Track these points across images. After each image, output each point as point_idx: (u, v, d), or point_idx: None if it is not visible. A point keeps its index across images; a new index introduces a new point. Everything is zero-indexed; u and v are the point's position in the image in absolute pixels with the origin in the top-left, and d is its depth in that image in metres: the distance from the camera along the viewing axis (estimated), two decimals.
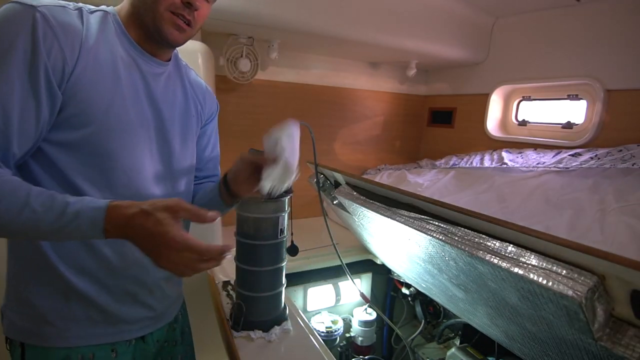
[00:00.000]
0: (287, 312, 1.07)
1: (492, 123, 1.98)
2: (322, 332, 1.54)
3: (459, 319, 1.32)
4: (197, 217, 0.58)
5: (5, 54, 0.56)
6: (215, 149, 1.01)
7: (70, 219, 0.55)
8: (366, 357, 1.61)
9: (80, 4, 0.65)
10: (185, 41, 0.73)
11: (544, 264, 0.56)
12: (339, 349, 1.65)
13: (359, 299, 1.61)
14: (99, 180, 0.67)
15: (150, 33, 0.69)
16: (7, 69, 0.56)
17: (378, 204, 0.92)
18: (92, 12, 0.66)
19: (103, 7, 0.69)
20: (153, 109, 0.74)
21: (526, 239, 0.59)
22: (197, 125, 0.88)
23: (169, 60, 0.79)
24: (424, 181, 1.72)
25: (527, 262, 0.58)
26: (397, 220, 0.83)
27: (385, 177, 1.97)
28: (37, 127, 0.60)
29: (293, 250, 1.09)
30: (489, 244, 0.64)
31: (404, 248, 0.99)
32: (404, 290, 1.62)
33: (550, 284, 0.53)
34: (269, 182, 0.72)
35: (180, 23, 0.68)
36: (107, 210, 0.56)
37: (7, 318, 0.72)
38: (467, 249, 0.66)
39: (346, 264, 1.24)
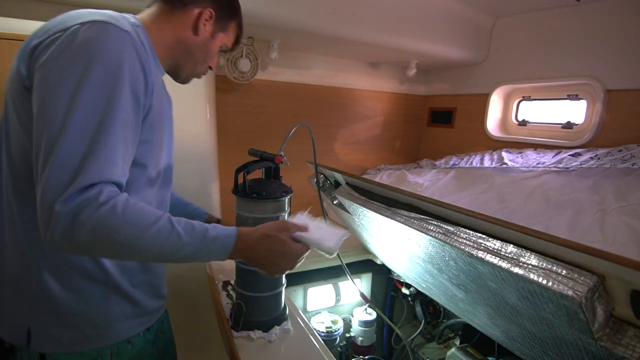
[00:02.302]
0: (287, 312, 1.07)
1: (492, 123, 1.98)
2: (322, 332, 1.54)
3: (459, 319, 1.32)
4: (301, 229, 0.76)
5: (118, 79, 0.60)
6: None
7: (208, 243, 0.64)
8: (366, 357, 1.61)
9: (130, 20, 0.70)
10: None
11: (544, 264, 0.56)
12: (339, 349, 1.65)
13: (359, 299, 1.61)
14: (156, 163, 0.77)
15: (174, 73, 0.85)
16: (121, 94, 0.60)
17: (378, 204, 0.92)
18: (136, 26, 0.71)
19: (137, 20, 0.73)
20: (169, 117, 0.85)
21: (526, 239, 0.59)
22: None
23: None
24: (424, 181, 1.72)
25: (527, 262, 0.58)
26: (397, 220, 0.83)
27: (385, 177, 1.97)
28: (137, 142, 0.68)
29: None
30: (489, 244, 0.64)
31: (404, 248, 0.99)
32: (404, 290, 1.62)
33: (550, 284, 0.53)
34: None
35: (199, 76, 0.89)
36: (236, 237, 0.67)
37: (45, 335, 0.71)
38: (467, 249, 0.66)
39: (346, 264, 1.24)
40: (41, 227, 0.56)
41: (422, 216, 0.78)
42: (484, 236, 0.66)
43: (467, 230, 0.69)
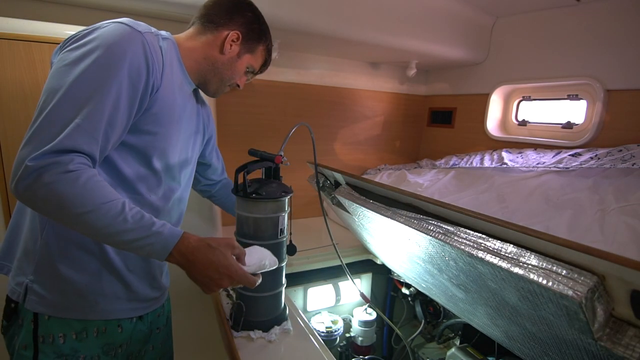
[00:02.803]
0: (287, 312, 1.07)
1: (492, 123, 1.98)
2: (322, 332, 1.54)
3: (459, 319, 1.32)
4: (242, 253, 0.79)
5: (118, 64, 0.66)
6: (219, 155, 1.22)
7: (149, 235, 0.66)
8: (366, 357, 1.61)
9: (154, 29, 0.77)
10: None
11: (544, 264, 0.56)
12: (339, 349, 1.65)
13: (359, 299, 1.61)
14: (141, 175, 0.81)
15: (203, 87, 0.93)
16: (117, 77, 0.66)
17: (378, 204, 0.92)
18: (164, 38, 0.79)
19: (168, 34, 0.82)
20: (186, 121, 0.91)
21: (526, 239, 0.59)
22: (201, 139, 1.05)
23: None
24: (424, 181, 1.72)
25: (527, 262, 0.58)
26: (397, 220, 0.83)
27: (385, 177, 1.97)
28: (127, 128, 0.72)
29: (291, 250, 1.09)
30: (489, 244, 0.64)
31: (404, 248, 0.99)
32: (404, 290, 1.62)
33: (550, 284, 0.53)
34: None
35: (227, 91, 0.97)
36: (180, 238, 0.69)
37: (35, 293, 0.75)
38: (467, 249, 0.66)
39: (346, 264, 1.24)
40: (11, 177, 0.60)
41: (422, 216, 0.78)
42: (484, 236, 0.66)
43: (467, 230, 0.69)
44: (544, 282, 0.54)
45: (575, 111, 1.69)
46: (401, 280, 1.61)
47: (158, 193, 0.84)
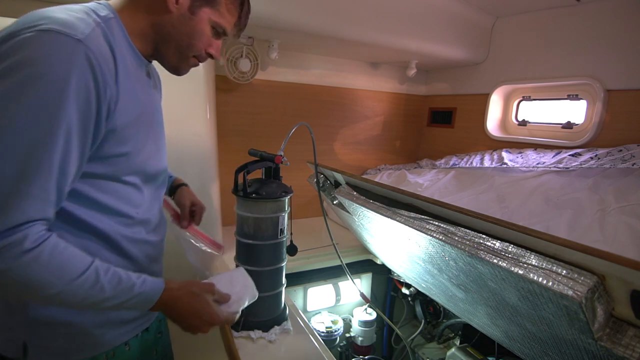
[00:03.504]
0: (287, 312, 1.07)
1: (492, 123, 1.98)
2: (322, 332, 1.54)
3: (459, 319, 1.32)
4: (223, 299, 0.76)
5: (61, 97, 0.52)
6: None
7: (131, 297, 0.62)
8: (366, 357, 1.61)
9: (92, 11, 0.61)
10: None
11: (544, 264, 0.56)
12: (339, 349, 1.65)
13: (359, 299, 1.61)
14: (121, 196, 0.71)
15: (165, 63, 0.74)
16: (62, 116, 0.52)
17: (378, 204, 0.92)
18: (106, 20, 0.61)
19: (107, 8, 0.64)
20: (156, 117, 0.78)
21: (526, 239, 0.59)
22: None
23: None
24: (424, 181, 1.72)
25: (527, 262, 0.58)
26: (397, 220, 0.83)
27: (385, 177, 1.97)
28: (82, 165, 0.60)
29: (292, 250, 1.09)
30: (489, 244, 0.64)
31: (404, 248, 0.99)
32: (404, 290, 1.62)
33: (550, 284, 0.53)
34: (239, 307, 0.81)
35: (197, 64, 0.76)
36: (162, 291, 0.66)
37: (40, 347, 0.68)
38: (467, 249, 0.66)
39: (346, 264, 1.24)
40: None
41: (422, 216, 0.78)
42: (484, 236, 0.66)
43: (467, 230, 0.69)
44: (544, 282, 0.54)
45: (575, 111, 1.69)
46: (401, 280, 1.61)
47: (143, 205, 0.75)
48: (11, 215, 0.50)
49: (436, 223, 0.75)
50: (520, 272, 0.57)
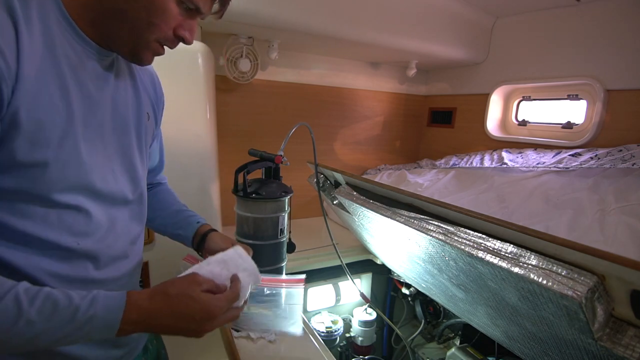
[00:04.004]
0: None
1: (492, 123, 1.98)
2: (322, 332, 1.54)
3: (459, 319, 1.32)
4: (217, 289, 0.59)
5: None
6: (162, 149, 0.87)
7: (77, 327, 0.46)
8: (366, 357, 1.61)
9: None
10: None
11: (544, 264, 0.56)
12: (339, 349, 1.65)
13: (359, 299, 1.61)
14: (51, 221, 0.53)
15: (118, 48, 0.56)
16: None
17: (378, 204, 0.92)
18: None
19: None
20: (110, 121, 0.59)
21: (526, 239, 0.59)
22: (151, 127, 0.72)
23: None
24: (424, 181, 1.72)
25: (527, 262, 0.58)
26: (397, 220, 0.83)
27: (385, 177, 1.97)
28: None
29: (290, 247, 1.09)
30: (489, 244, 0.64)
31: (404, 248, 0.99)
32: (404, 290, 1.62)
33: (550, 284, 0.53)
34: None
35: (162, 50, 0.58)
36: (124, 308, 0.49)
37: None
38: (467, 249, 0.66)
39: (346, 264, 1.24)
40: None
41: (422, 216, 0.78)
42: (484, 236, 0.66)
43: (467, 230, 0.69)
44: (544, 282, 0.54)
45: (575, 111, 1.69)
46: (401, 280, 1.61)
47: (91, 232, 0.57)
48: None
49: (436, 223, 0.75)
50: (520, 272, 0.57)
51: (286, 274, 1.07)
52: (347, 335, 1.69)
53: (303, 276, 0.89)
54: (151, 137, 0.72)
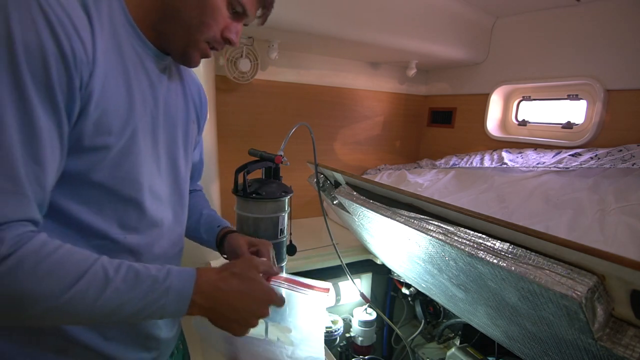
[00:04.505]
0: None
1: (492, 123, 1.98)
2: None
3: (459, 319, 1.32)
4: (273, 271, 0.65)
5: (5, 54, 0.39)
6: (202, 157, 0.90)
7: (157, 297, 0.47)
8: (366, 357, 1.61)
9: None
10: None
11: (544, 264, 0.56)
12: (339, 349, 1.65)
13: (359, 299, 1.61)
14: (105, 211, 0.55)
15: (171, 48, 0.60)
16: (8, 75, 0.40)
17: (378, 204, 0.92)
18: None
19: None
20: (161, 120, 0.62)
21: (526, 239, 0.59)
22: (195, 132, 0.76)
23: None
24: (424, 181, 1.72)
25: (527, 262, 0.58)
26: (397, 220, 0.83)
27: (385, 177, 1.97)
28: (64, 154, 0.47)
29: (291, 250, 1.09)
30: (489, 244, 0.64)
31: (404, 248, 0.99)
32: (404, 290, 1.62)
33: (550, 284, 0.53)
34: None
35: (210, 52, 0.62)
36: (195, 281, 0.51)
37: None
38: (467, 249, 0.66)
39: (346, 264, 1.24)
40: None
41: (422, 216, 0.78)
42: (484, 236, 0.66)
43: (467, 230, 0.69)
44: (544, 282, 0.54)
45: (575, 111, 1.69)
46: (401, 280, 1.61)
47: (140, 229, 0.59)
48: None
49: (436, 223, 0.74)
50: (520, 272, 0.57)
51: (286, 273, 1.07)
52: (347, 335, 1.69)
53: (328, 285, 0.75)
54: (194, 142, 0.75)
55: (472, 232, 0.68)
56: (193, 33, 0.57)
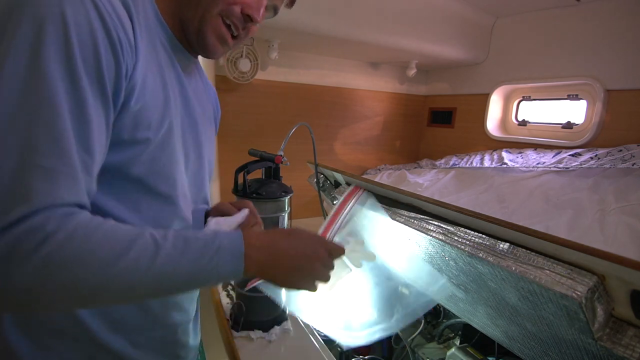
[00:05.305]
0: (287, 312, 1.07)
1: (492, 123, 1.98)
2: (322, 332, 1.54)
3: (459, 319, 1.32)
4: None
5: (54, 39, 0.38)
6: (213, 160, 0.89)
7: (209, 258, 0.46)
8: (366, 357, 1.61)
9: None
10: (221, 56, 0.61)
11: (544, 264, 0.56)
12: (339, 349, 1.65)
13: None
14: (142, 208, 0.54)
15: (188, 33, 0.58)
16: (60, 61, 0.39)
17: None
18: None
19: None
20: (188, 119, 0.61)
21: (526, 239, 0.59)
22: (214, 133, 0.76)
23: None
24: (424, 181, 1.72)
25: (527, 262, 0.58)
26: (397, 220, 0.83)
27: (385, 177, 1.97)
28: (108, 137, 0.46)
29: None
30: (489, 244, 0.64)
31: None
32: None
33: (550, 284, 0.53)
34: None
35: (227, 34, 0.57)
36: (243, 235, 0.50)
37: None
38: (467, 249, 0.66)
39: None
40: None
41: (422, 216, 0.78)
42: (484, 236, 0.66)
43: (467, 230, 0.69)
44: (544, 282, 0.54)
45: (575, 111, 1.69)
46: None
47: (172, 228, 0.58)
48: (26, 199, 0.37)
49: (436, 223, 0.74)
50: (520, 272, 0.57)
51: None
52: None
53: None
54: (214, 138, 0.75)
55: (472, 232, 0.68)
56: (210, 11, 0.55)
